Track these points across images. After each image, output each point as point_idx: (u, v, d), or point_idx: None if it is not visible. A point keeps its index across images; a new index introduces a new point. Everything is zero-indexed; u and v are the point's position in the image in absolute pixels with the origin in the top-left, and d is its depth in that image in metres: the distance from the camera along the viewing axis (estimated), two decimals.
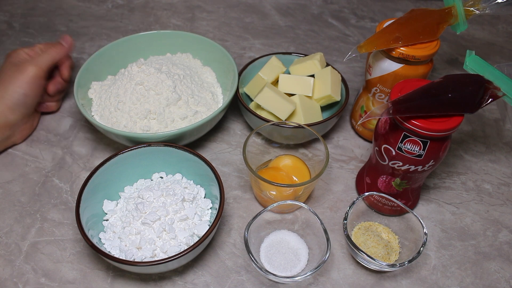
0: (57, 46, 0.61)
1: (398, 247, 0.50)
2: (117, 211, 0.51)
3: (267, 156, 0.58)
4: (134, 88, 0.57)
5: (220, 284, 0.48)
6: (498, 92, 0.42)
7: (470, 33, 0.87)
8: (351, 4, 0.94)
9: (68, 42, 0.62)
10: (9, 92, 0.55)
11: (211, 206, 0.51)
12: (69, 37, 0.62)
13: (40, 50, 0.61)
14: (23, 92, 0.56)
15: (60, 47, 0.61)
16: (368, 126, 0.62)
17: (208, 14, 0.89)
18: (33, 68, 0.57)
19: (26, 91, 0.56)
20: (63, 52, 0.61)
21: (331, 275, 0.49)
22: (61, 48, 0.61)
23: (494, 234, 0.53)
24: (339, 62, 0.78)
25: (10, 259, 0.49)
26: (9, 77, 0.56)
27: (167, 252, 0.45)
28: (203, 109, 0.60)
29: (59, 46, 0.61)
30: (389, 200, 0.50)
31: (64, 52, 0.61)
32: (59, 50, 0.61)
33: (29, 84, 0.57)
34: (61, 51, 0.61)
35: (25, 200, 0.55)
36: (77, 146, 0.62)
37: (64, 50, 0.61)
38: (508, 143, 0.65)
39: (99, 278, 0.48)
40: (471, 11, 0.51)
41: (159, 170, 0.55)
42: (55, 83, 0.62)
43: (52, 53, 0.60)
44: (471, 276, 0.49)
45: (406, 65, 0.52)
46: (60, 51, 0.61)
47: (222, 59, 0.65)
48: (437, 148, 0.44)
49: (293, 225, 0.51)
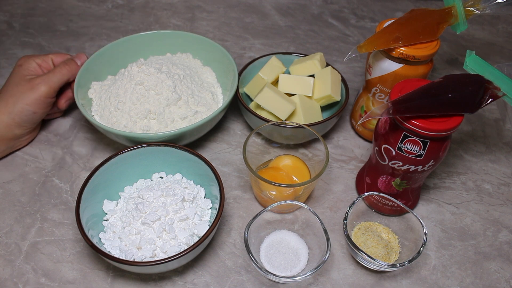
0: (70, 65, 0.59)
1: (398, 247, 0.50)
2: (117, 211, 0.51)
3: (267, 156, 0.58)
4: (134, 88, 0.57)
5: (220, 284, 0.48)
6: (498, 92, 0.42)
7: (470, 33, 0.87)
8: (351, 4, 0.94)
9: (82, 60, 0.61)
10: (18, 109, 0.55)
11: (211, 206, 0.51)
12: (84, 55, 0.61)
13: (52, 62, 0.60)
14: (32, 110, 0.56)
15: (74, 66, 0.59)
16: (368, 126, 0.62)
17: (208, 14, 0.89)
18: (45, 88, 0.56)
19: (36, 109, 0.56)
20: (76, 71, 0.59)
21: (331, 275, 0.49)
22: (75, 67, 0.59)
23: (494, 234, 0.53)
24: (339, 62, 0.78)
25: (10, 259, 0.49)
26: (19, 93, 0.55)
27: (167, 252, 0.45)
28: (203, 109, 0.60)
29: (73, 65, 0.59)
30: (389, 200, 0.50)
31: (77, 71, 0.59)
32: (72, 69, 0.59)
33: (39, 103, 0.56)
34: (74, 70, 0.59)
35: (25, 200, 0.55)
36: (77, 146, 0.62)
37: (77, 69, 0.60)
38: (508, 143, 0.65)
39: (99, 278, 0.48)
40: (471, 11, 0.51)
41: (159, 170, 0.55)
42: (67, 98, 0.61)
43: (64, 72, 0.58)
44: (471, 276, 0.49)
45: (406, 65, 0.52)
46: (73, 70, 0.59)
47: (222, 59, 0.65)
48: (437, 148, 0.44)
49: (293, 225, 0.51)
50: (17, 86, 0.56)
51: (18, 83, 0.56)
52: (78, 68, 0.60)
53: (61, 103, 0.61)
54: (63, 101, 0.61)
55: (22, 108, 0.55)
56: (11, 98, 0.55)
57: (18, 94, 0.55)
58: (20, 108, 0.55)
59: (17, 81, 0.56)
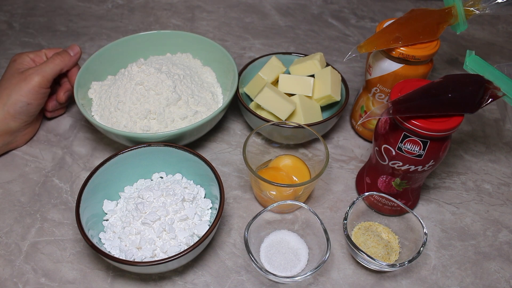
0: (63, 55, 0.59)
1: (398, 247, 0.50)
2: (117, 211, 0.51)
3: (267, 156, 0.58)
4: (134, 88, 0.57)
5: (220, 284, 0.48)
6: (498, 92, 0.42)
7: (470, 33, 0.87)
8: (351, 4, 0.94)
9: (75, 51, 0.60)
10: (12, 101, 0.55)
11: (211, 206, 0.51)
12: (77, 46, 0.61)
13: (46, 57, 0.60)
14: (26, 101, 0.56)
15: (67, 57, 0.59)
16: (368, 126, 0.62)
17: (208, 14, 0.89)
18: (38, 78, 0.56)
19: (30, 100, 0.56)
20: (70, 62, 0.60)
21: (331, 275, 0.49)
22: (68, 57, 0.60)
23: (494, 234, 0.53)
24: (339, 62, 0.78)
25: (10, 259, 0.49)
26: (13, 85, 0.55)
27: (167, 252, 0.45)
28: (203, 109, 0.60)
29: (66, 55, 0.59)
30: (389, 200, 0.50)
31: (70, 61, 0.60)
32: (65, 59, 0.59)
33: (33, 94, 0.56)
34: (67, 61, 0.59)
35: (25, 200, 0.55)
36: (77, 146, 0.62)
37: (70, 59, 0.60)
38: (508, 143, 0.65)
39: (99, 278, 0.48)
40: (471, 11, 0.51)
41: (159, 170, 0.55)
42: (65, 91, 0.61)
43: (57, 62, 0.58)
44: (471, 276, 0.49)
45: (406, 65, 0.52)
46: (66, 60, 0.59)
47: (222, 59, 0.65)
48: (437, 148, 0.44)
49: (293, 225, 0.51)
50: (10, 79, 0.56)
51: (11, 76, 0.56)
52: (71, 59, 0.60)
53: (60, 95, 0.61)
54: (61, 93, 0.61)
55: (16, 100, 0.55)
56: (5, 91, 0.55)
57: (11, 87, 0.55)
58: (14, 100, 0.55)
59: (10, 75, 0.57)
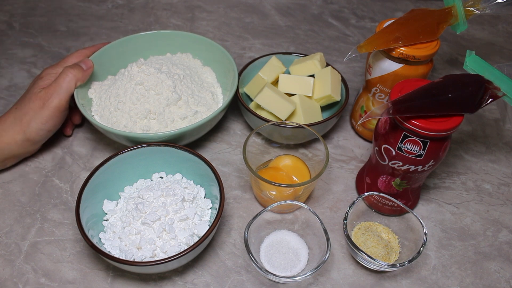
0: (76, 69, 0.57)
1: (398, 247, 0.50)
2: (117, 211, 0.51)
3: (267, 156, 0.58)
4: (134, 88, 0.57)
5: (220, 284, 0.48)
6: (498, 92, 0.42)
7: (470, 33, 0.87)
8: (351, 4, 0.94)
9: (87, 65, 0.59)
10: (33, 130, 0.54)
11: (211, 206, 0.51)
12: (90, 61, 0.59)
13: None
14: (47, 129, 0.56)
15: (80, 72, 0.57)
16: (368, 126, 0.62)
17: (208, 14, 0.89)
18: (56, 101, 0.55)
19: (50, 127, 0.56)
20: (83, 77, 0.58)
21: (331, 275, 0.49)
22: (81, 72, 0.57)
23: (494, 234, 0.53)
24: (339, 62, 0.78)
25: (10, 259, 0.49)
26: (32, 111, 0.54)
27: (167, 252, 0.45)
28: (203, 109, 0.60)
29: (78, 70, 0.57)
30: (389, 200, 0.50)
31: (84, 76, 0.58)
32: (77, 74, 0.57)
33: (53, 120, 0.55)
34: (80, 76, 0.57)
35: (25, 200, 0.55)
36: (77, 146, 0.62)
37: (83, 74, 0.58)
38: (508, 143, 0.65)
39: (99, 278, 0.48)
40: (471, 11, 0.51)
41: (159, 170, 0.55)
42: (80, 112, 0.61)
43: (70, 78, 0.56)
44: (471, 276, 0.49)
45: (406, 65, 0.52)
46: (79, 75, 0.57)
47: (222, 59, 0.65)
48: (437, 148, 0.44)
49: (293, 225, 0.51)
50: (29, 103, 0.55)
51: (30, 99, 0.55)
52: (84, 73, 0.58)
53: (76, 118, 0.63)
54: (77, 116, 0.63)
55: (37, 129, 0.55)
56: (25, 117, 0.54)
57: (31, 113, 0.54)
58: (35, 129, 0.54)
59: (32, 95, 0.55)
